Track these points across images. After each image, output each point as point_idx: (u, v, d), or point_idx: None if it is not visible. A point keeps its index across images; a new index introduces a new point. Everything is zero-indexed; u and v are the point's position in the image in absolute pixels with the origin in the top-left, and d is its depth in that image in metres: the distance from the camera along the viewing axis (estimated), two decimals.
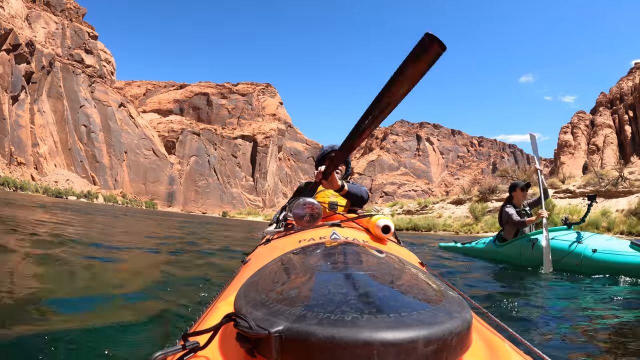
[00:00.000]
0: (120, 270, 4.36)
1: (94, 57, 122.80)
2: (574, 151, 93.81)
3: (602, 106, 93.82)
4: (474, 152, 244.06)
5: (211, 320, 0.89)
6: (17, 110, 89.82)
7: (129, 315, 2.34)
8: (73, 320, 2.16)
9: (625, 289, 4.24)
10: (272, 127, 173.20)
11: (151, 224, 15.22)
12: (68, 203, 38.42)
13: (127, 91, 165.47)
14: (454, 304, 0.72)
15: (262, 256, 1.51)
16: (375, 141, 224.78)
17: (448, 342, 0.62)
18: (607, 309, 3.31)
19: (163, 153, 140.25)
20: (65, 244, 5.47)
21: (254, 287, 0.81)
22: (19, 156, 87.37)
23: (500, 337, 0.89)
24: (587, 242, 5.34)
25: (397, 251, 1.65)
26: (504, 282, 4.98)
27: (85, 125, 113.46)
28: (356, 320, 0.61)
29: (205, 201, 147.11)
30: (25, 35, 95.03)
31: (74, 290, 3.14)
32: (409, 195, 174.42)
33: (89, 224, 11.05)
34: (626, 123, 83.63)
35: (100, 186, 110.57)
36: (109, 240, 7.36)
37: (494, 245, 7.18)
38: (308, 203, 1.79)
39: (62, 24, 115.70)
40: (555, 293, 4.21)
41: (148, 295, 2.97)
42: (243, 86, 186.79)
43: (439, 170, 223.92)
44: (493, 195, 25.55)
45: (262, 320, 0.64)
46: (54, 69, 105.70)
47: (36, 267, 3.84)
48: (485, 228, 20.64)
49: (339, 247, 1.18)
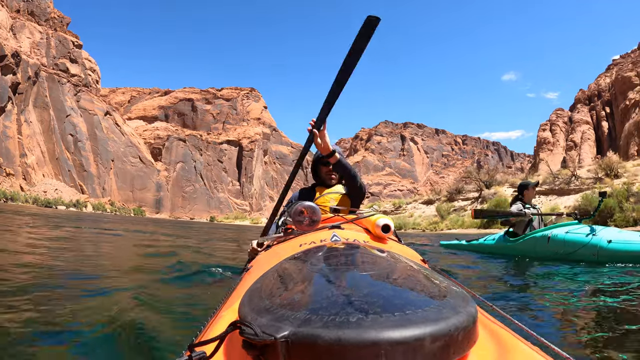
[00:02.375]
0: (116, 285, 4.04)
1: (79, 66, 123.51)
2: (552, 148, 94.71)
3: (580, 103, 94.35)
4: (458, 150, 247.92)
5: (216, 329, 0.89)
6: (5, 121, 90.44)
7: (133, 328, 2.26)
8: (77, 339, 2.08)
9: (636, 278, 4.49)
10: (257, 131, 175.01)
11: (139, 239, 11.62)
12: (57, 213, 37.70)
13: (112, 98, 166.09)
14: (458, 299, 0.72)
15: (264, 262, 1.53)
16: (360, 142, 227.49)
17: (454, 337, 0.62)
18: (620, 298, 3.32)
19: (149, 160, 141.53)
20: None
21: (257, 293, 0.81)
22: (7, 167, 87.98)
23: (507, 330, 0.89)
24: (600, 234, 5.61)
25: (399, 249, 1.66)
26: (511, 275, 5.06)
27: (72, 135, 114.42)
28: (361, 321, 0.61)
29: (193, 207, 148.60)
30: (11, 46, 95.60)
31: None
32: (394, 195, 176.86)
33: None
34: (603, 119, 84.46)
35: (88, 195, 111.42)
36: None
37: (505, 241, 7.47)
38: (306, 207, 1.82)
39: (46, 33, 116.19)
40: (563, 284, 4.25)
41: (152, 307, 2.86)
42: (227, 91, 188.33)
43: (424, 170, 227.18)
44: (459, 196, 28.03)
45: (267, 326, 0.65)
46: (40, 79, 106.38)
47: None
48: (450, 225, 23.12)
49: (341, 249, 1.20)
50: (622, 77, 77.15)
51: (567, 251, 5.93)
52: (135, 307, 2.70)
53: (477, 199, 26.19)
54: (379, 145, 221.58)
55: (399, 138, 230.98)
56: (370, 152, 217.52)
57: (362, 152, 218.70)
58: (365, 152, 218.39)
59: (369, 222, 1.91)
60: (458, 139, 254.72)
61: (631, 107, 71.83)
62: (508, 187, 25.63)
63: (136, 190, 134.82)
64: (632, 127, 68.52)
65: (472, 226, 21.28)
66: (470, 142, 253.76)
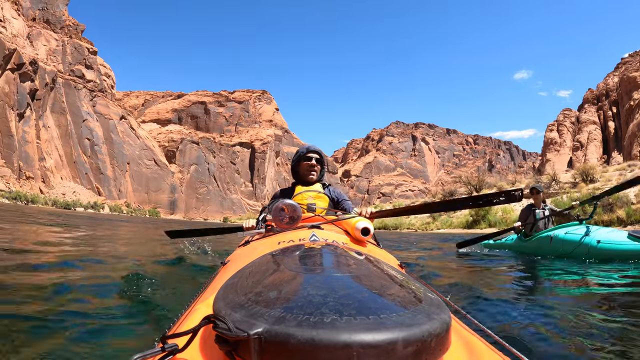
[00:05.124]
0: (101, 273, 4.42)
1: (94, 72, 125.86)
2: (559, 148, 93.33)
3: (588, 103, 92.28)
4: (470, 150, 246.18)
5: (190, 322, 0.89)
6: (23, 126, 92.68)
7: (106, 318, 2.28)
8: (49, 327, 2.12)
9: (619, 274, 4.70)
10: (269, 133, 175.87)
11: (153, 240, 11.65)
12: (77, 214, 39.88)
13: (126, 102, 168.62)
14: (433, 305, 0.72)
15: (242, 258, 1.51)
16: (372, 143, 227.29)
17: (427, 343, 0.62)
18: (599, 300, 3.40)
19: (164, 163, 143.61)
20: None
21: (233, 288, 0.80)
22: (27, 170, 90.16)
23: (479, 338, 0.90)
24: (593, 234, 6.05)
25: (377, 253, 1.66)
26: (488, 282, 4.92)
27: (89, 139, 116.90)
28: (335, 322, 0.61)
29: (207, 208, 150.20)
30: (28, 54, 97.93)
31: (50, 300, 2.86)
32: (406, 196, 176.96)
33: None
34: (610, 119, 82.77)
35: (105, 197, 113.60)
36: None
37: (519, 241, 8.09)
38: (287, 205, 1.79)
39: (62, 40, 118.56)
40: (542, 288, 4.31)
41: (126, 297, 2.91)
42: (239, 94, 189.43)
43: (436, 170, 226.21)
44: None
45: (241, 322, 0.64)
46: (57, 85, 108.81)
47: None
48: (440, 225, 24.44)
49: (318, 249, 1.18)
50: (627, 77, 75.72)
51: (565, 250, 6.42)
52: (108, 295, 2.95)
53: None
54: (390, 145, 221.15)
55: (410, 138, 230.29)
56: (382, 153, 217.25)
57: (373, 153, 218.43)
58: (376, 152, 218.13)
59: (348, 224, 1.91)
60: (469, 138, 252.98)
61: (635, 108, 70.53)
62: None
63: (151, 192, 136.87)
64: (636, 128, 67.39)
65: (459, 226, 22.63)
66: (482, 142, 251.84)
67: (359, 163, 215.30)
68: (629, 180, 5.32)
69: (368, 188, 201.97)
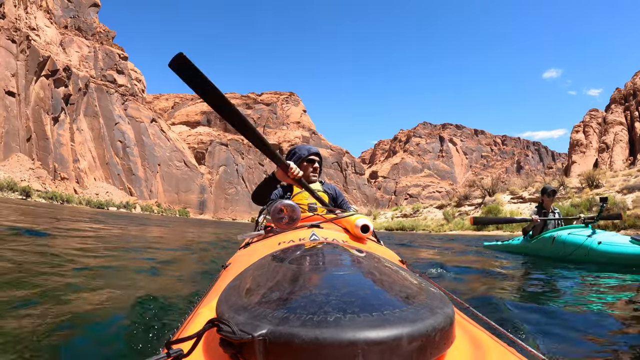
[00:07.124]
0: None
1: (125, 77, 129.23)
2: (585, 150, 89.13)
3: (615, 103, 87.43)
4: (498, 151, 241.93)
5: (194, 327, 0.88)
6: (58, 130, 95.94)
7: (111, 324, 2.22)
8: (52, 329, 2.03)
9: (619, 276, 4.71)
10: (297, 134, 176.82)
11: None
12: (110, 213, 41.10)
13: (156, 105, 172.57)
14: (436, 300, 0.72)
15: (242, 260, 1.51)
16: (399, 144, 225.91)
17: (432, 338, 0.62)
18: (597, 297, 3.43)
19: (193, 164, 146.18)
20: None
21: (235, 291, 0.80)
22: (62, 172, 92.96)
23: (483, 331, 0.89)
24: (595, 236, 6.02)
25: (377, 250, 1.65)
26: (494, 278, 5.01)
27: (121, 141, 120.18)
28: (339, 321, 0.60)
29: (235, 208, 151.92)
30: (62, 60, 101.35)
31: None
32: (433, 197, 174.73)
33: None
34: (637, 120, 78.73)
35: (137, 197, 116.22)
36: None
37: (526, 242, 8.08)
38: (286, 205, 1.76)
39: (93, 47, 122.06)
40: (545, 285, 4.37)
41: (130, 305, 2.69)
42: (267, 96, 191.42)
43: (463, 171, 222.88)
44: (466, 201, 29.35)
45: (244, 324, 0.64)
46: (89, 90, 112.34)
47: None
48: (452, 227, 24.81)
49: (319, 248, 1.18)
50: None
51: (567, 251, 6.40)
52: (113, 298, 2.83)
53: (479, 205, 27.16)
54: (417, 146, 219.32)
55: (438, 139, 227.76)
56: (409, 154, 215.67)
57: (400, 154, 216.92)
58: (404, 153, 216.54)
59: (348, 222, 1.92)
60: (497, 139, 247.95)
61: None
62: (507, 195, 26.31)
63: (181, 193, 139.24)
64: None
65: (469, 229, 23.04)
66: (510, 143, 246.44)
67: (386, 164, 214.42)
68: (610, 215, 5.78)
69: (395, 189, 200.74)
